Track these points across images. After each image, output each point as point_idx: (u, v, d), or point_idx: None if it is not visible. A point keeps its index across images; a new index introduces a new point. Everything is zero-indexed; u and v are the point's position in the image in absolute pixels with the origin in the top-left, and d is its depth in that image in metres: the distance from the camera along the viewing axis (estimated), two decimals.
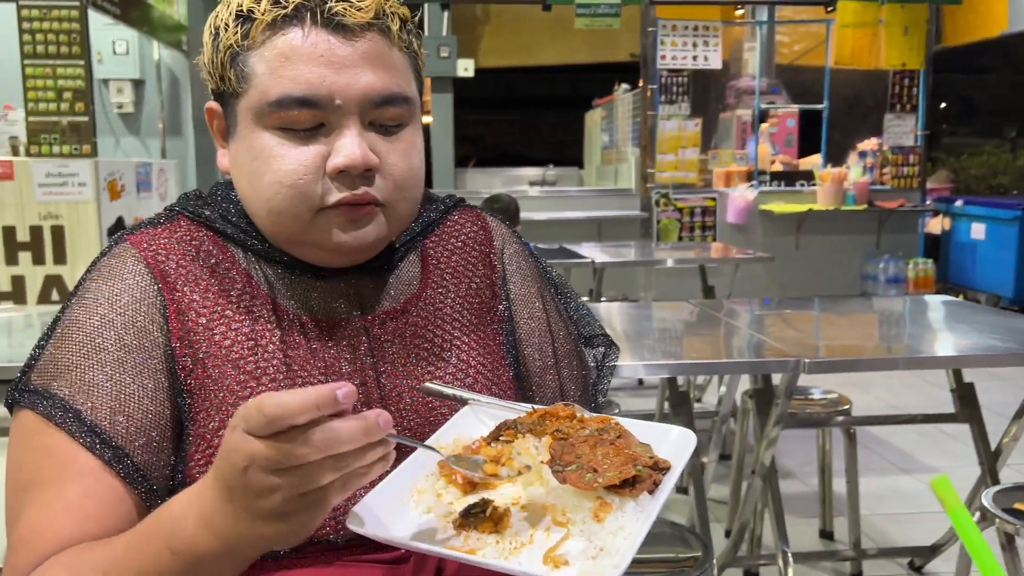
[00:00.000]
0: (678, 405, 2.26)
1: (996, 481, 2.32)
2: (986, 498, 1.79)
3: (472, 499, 0.71)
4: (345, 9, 0.80)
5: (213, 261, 0.88)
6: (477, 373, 0.92)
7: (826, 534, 2.83)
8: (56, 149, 4.38)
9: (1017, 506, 1.80)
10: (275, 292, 0.88)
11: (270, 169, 0.82)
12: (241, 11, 0.81)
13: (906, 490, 3.27)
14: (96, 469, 0.76)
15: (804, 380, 2.84)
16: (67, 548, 0.72)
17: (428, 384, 0.86)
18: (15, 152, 4.66)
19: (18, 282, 4.34)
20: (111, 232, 4.53)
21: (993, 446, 2.37)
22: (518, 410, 0.83)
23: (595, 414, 0.79)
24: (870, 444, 3.68)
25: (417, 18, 0.89)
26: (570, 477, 0.68)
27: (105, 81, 6.23)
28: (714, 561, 1.71)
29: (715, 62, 6.17)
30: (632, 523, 0.65)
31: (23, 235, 4.32)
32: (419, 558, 0.82)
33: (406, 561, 0.82)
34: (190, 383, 0.82)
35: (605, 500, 0.67)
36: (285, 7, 0.80)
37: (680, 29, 6.07)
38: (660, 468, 0.70)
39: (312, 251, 0.87)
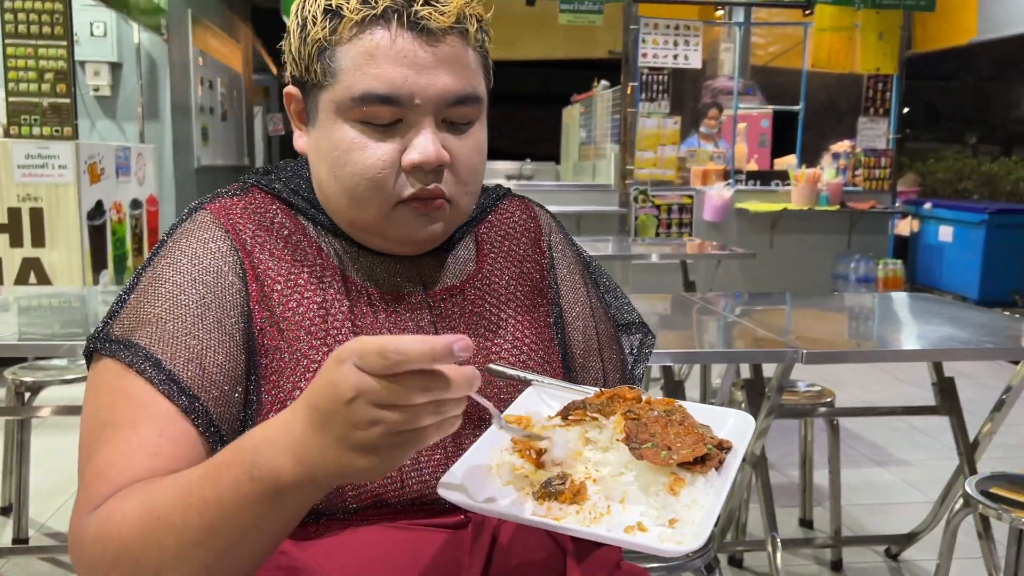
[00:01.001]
0: (672, 394, 2.32)
1: (974, 471, 2.41)
2: (968, 485, 1.87)
3: (549, 473, 0.75)
4: (430, 13, 0.84)
5: (286, 232, 0.92)
6: (530, 351, 0.97)
7: (806, 523, 2.91)
8: (36, 131, 4.32)
9: (994, 490, 1.88)
10: (343, 264, 0.93)
11: (350, 160, 0.87)
12: (330, 7, 0.85)
13: (880, 482, 3.37)
14: (172, 413, 0.79)
15: (794, 373, 2.92)
16: (139, 481, 0.75)
17: (492, 365, 0.90)
18: None
19: None
20: (90, 216, 4.48)
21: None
22: (580, 391, 0.87)
23: (659, 398, 0.84)
24: (846, 438, 3.79)
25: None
26: (646, 454, 0.73)
27: (82, 63, 6.13)
28: (712, 546, 1.77)
29: (695, 61, 6.25)
30: (703, 496, 0.71)
31: (1, 217, 4.26)
32: (477, 525, 0.86)
33: (464, 527, 0.86)
34: (265, 344, 0.86)
35: (679, 475, 0.72)
36: (374, 8, 0.84)
37: (662, 28, 6.15)
38: (723, 448, 0.76)
39: (380, 241, 0.92)
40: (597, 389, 0.86)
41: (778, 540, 2.27)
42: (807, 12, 6.35)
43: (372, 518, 0.85)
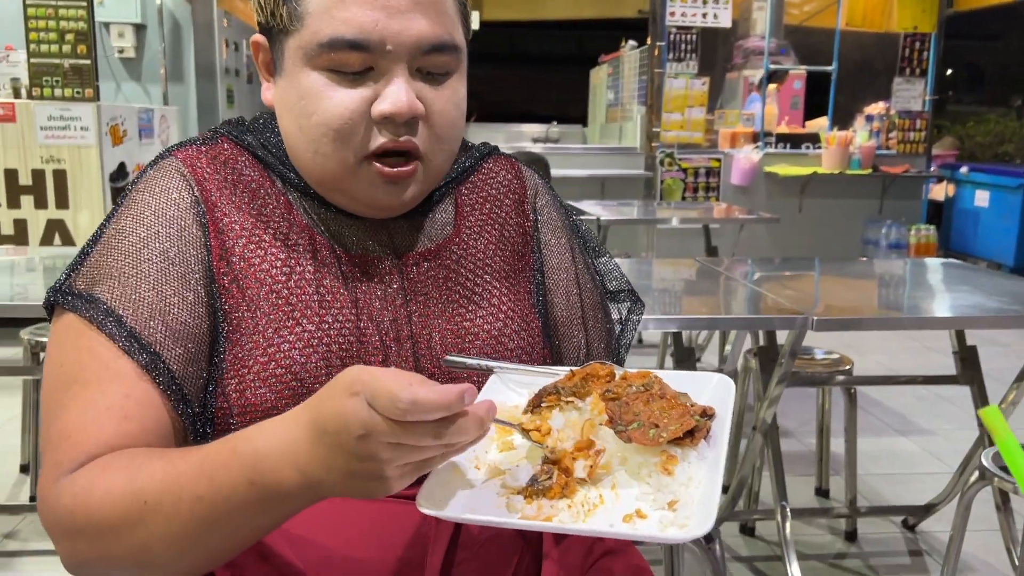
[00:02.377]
0: (682, 361, 2.28)
1: (993, 443, 2.35)
2: (985, 458, 1.81)
3: (531, 469, 0.71)
4: None
5: (253, 186, 0.89)
6: (507, 318, 0.93)
7: (822, 492, 2.87)
8: (58, 92, 4.33)
9: None
10: (312, 222, 0.89)
11: (317, 110, 0.82)
12: None
13: (901, 451, 3.31)
14: (134, 372, 0.77)
15: (808, 340, 2.86)
16: (112, 449, 0.74)
17: (451, 356, 0.86)
18: (16, 94, 4.60)
19: (20, 225, 4.33)
20: (113, 178, 4.50)
21: None
22: (546, 373, 0.83)
23: (631, 370, 0.80)
24: (867, 406, 3.72)
25: None
26: (634, 435, 0.69)
27: (106, 24, 6.13)
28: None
29: (725, 20, 6.09)
30: (698, 472, 0.67)
31: (25, 178, 4.29)
32: None
33: None
34: (227, 303, 0.83)
35: (670, 453, 0.68)
36: None
37: None
38: (708, 416, 0.72)
39: (347, 201, 0.88)
40: (565, 369, 0.81)
41: (787, 509, 2.24)
42: None
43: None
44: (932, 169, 6.64)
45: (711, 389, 0.76)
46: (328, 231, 0.89)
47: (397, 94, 0.81)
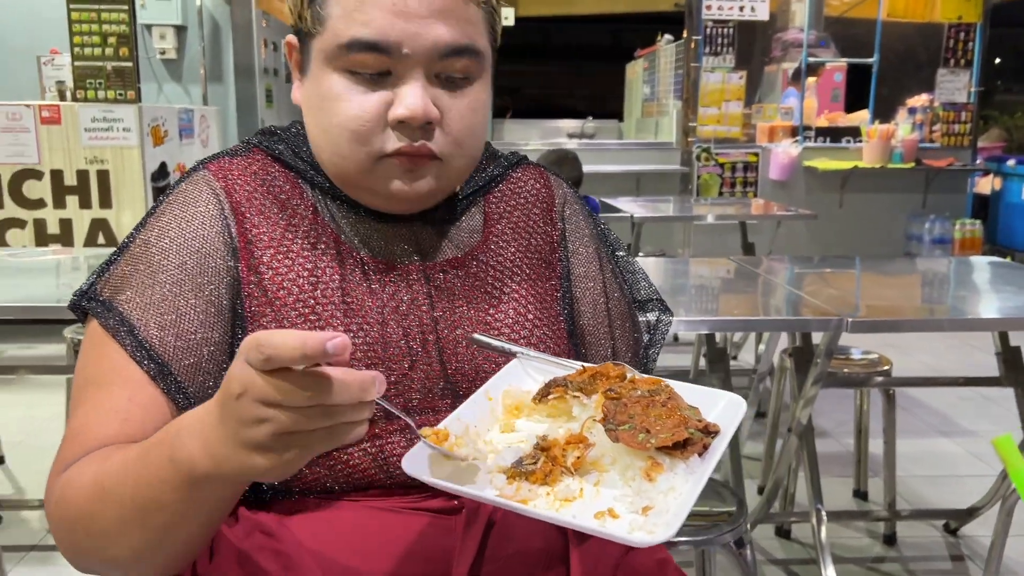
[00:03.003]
0: (715, 362, 2.26)
1: None
2: None
3: (522, 448, 0.72)
4: None
5: (284, 196, 0.91)
6: (533, 326, 0.93)
7: (860, 494, 2.83)
8: (101, 94, 4.42)
9: None
10: (340, 228, 0.91)
11: (336, 111, 0.84)
12: None
13: (944, 453, 3.25)
14: (142, 380, 0.80)
15: (846, 340, 2.81)
16: (108, 446, 0.77)
17: (477, 335, 0.87)
18: (62, 97, 4.71)
19: (66, 225, 4.43)
20: (155, 178, 4.59)
21: None
22: (566, 366, 0.83)
23: (646, 375, 0.79)
24: (909, 406, 3.65)
25: None
26: (623, 436, 0.69)
27: (148, 27, 6.24)
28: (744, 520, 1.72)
29: (762, 13, 6.01)
30: (682, 484, 0.67)
31: (70, 179, 4.39)
32: (471, 511, 0.83)
33: (458, 512, 0.83)
34: (254, 311, 0.85)
35: (657, 460, 0.68)
36: None
37: None
38: (710, 432, 0.71)
39: (369, 196, 0.89)
40: (581, 365, 0.82)
41: (823, 513, 2.21)
42: None
43: (360, 498, 0.83)
44: (978, 162, 6.48)
45: (721, 407, 0.76)
46: (357, 237, 0.91)
47: (413, 99, 0.82)
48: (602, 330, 1.01)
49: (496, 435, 0.77)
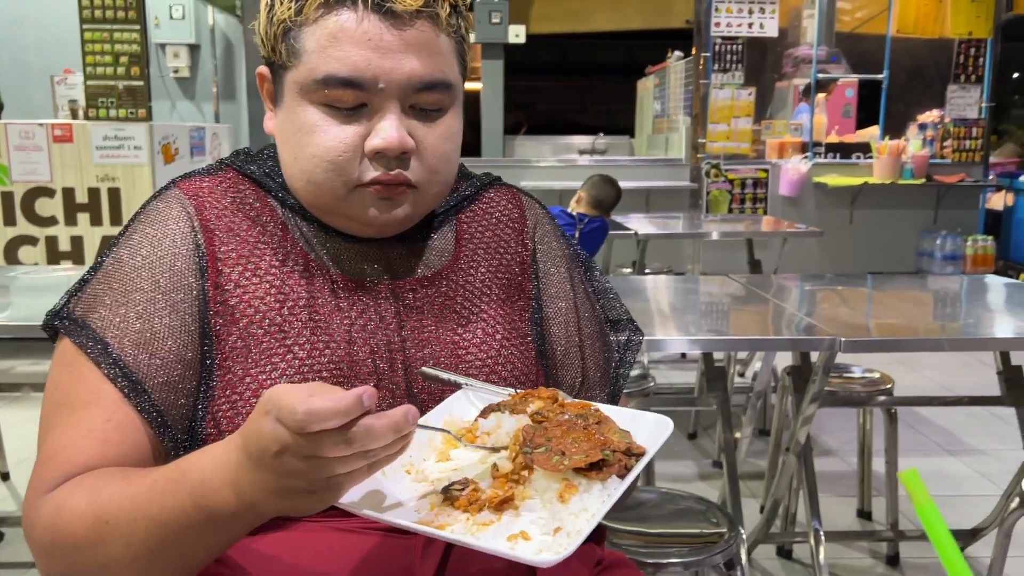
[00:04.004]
0: (713, 380, 2.25)
1: None
2: None
3: (455, 476, 0.74)
4: None
5: (253, 213, 0.92)
6: (501, 346, 0.94)
7: (864, 514, 2.80)
8: (113, 113, 4.48)
9: None
10: (309, 246, 0.92)
11: (311, 143, 0.85)
12: None
13: (950, 472, 3.21)
14: (118, 398, 0.81)
15: (849, 358, 2.79)
16: (89, 468, 0.78)
17: (426, 368, 0.88)
18: (74, 115, 4.78)
19: (77, 242, 4.47)
20: None
21: None
22: (509, 395, 0.84)
23: (576, 400, 0.81)
24: (916, 424, 3.62)
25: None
26: (538, 459, 0.71)
27: (162, 46, 6.32)
28: (743, 537, 1.71)
29: (771, 30, 6.02)
30: (595, 503, 0.68)
31: (82, 196, 4.44)
32: None
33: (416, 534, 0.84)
34: (219, 330, 0.86)
35: (572, 482, 0.70)
36: None
37: None
38: (633, 454, 0.72)
39: (344, 222, 0.91)
40: (516, 391, 0.83)
41: (821, 533, 2.19)
42: None
43: (320, 518, 0.83)
44: (990, 178, 6.44)
45: (649, 428, 0.77)
46: (326, 255, 0.92)
47: (388, 130, 0.84)
48: (572, 350, 1.01)
49: (431, 465, 0.78)
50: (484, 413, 0.79)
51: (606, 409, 0.79)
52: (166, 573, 0.74)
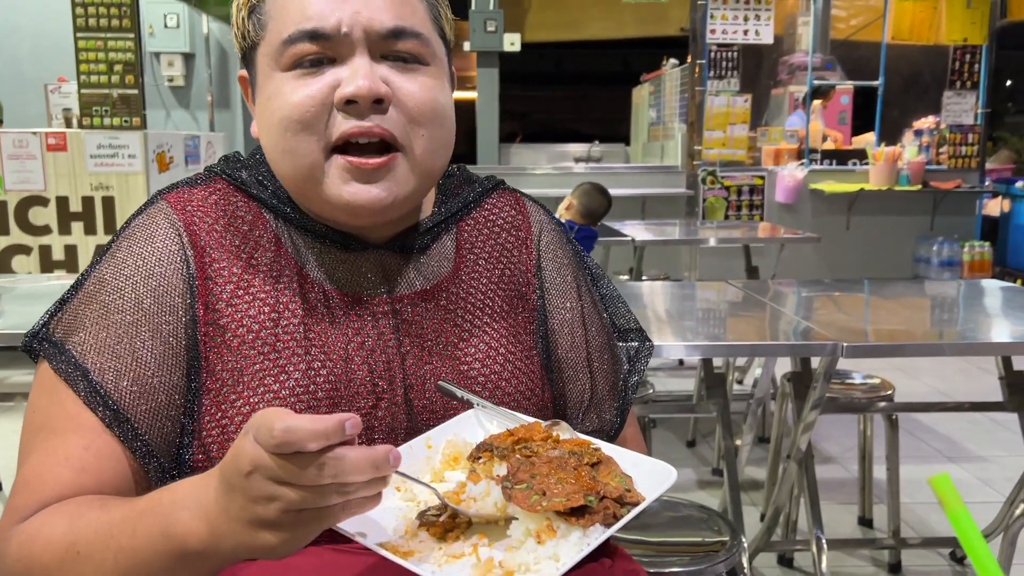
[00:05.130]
0: (713, 387, 2.23)
1: None
2: None
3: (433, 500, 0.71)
4: None
5: (246, 227, 0.87)
6: (505, 360, 0.90)
7: (865, 521, 2.78)
8: (107, 121, 4.46)
9: None
10: (303, 260, 0.87)
11: (280, 107, 0.81)
12: None
13: (952, 479, 3.19)
14: (97, 427, 0.77)
15: (849, 364, 2.77)
16: (65, 497, 0.74)
17: (442, 383, 0.85)
18: (68, 124, 4.76)
19: (71, 251, 4.44)
20: None
21: None
22: (523, 420, 0.81)
23: (577, 437, 0.77)
24: (917, 431, 3.60)
25: None
26: (516, 496, 0.67)
27: (157, 54, 6.31)
28: (744, 546, 1.68)
29: (766, 37, 6.02)
30: (567, 553, 0.64)
31: (76, 205, 4.41)
32: None
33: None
34: (210, 352, 0.81)
35: (552, 525, 0.66)
36: None
37: (731, 2, 5.94)
38: (625, 503, 0.68)
39: (328, 207, 0.84)
40: (532, 420, 0.79)
41: (823, 540, 2.16)
42: None
43: (319, 539, 0.81)
44: (986, 184, 6.44)
45: (648, 475, 0.72)
46: (321, 269, 0.87)
47: (356, 75, 0.79)
48: (580, 361, 0.97)
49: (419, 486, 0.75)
50: (479, 450, 0.75)
51: (608, 449, 0.75)
52: None
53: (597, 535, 0.65)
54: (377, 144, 0.81)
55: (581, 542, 0.65)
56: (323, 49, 0.80)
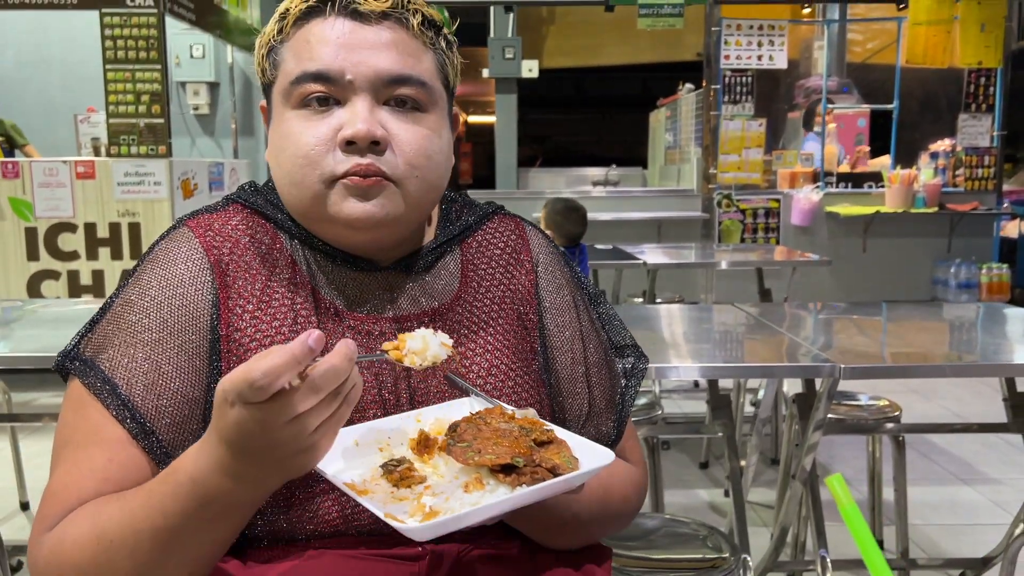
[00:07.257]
0: (719, 408, 2.27)
1: None
2: None
3: (426, 470, 0.80)
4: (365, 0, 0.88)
5: (264, 249, 0.94)
6: (507, 376, 0.95)
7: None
8: (134, 150, 4.59)
9: None
10: (315, 279, 0.93)
11: (290, 145, 0.89)
12: (282, 11, 0.91)
13: (963, 500, 3.19)
14: (123, 439, 0.83)
15: (862, 386, 2.80)
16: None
17: (450, 375, 0.92)
18: (97, 152, 4.90)
19: (98, 276, 4.56)
20: None
21: None
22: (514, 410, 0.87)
23: (534, 419, 0.83)
24: (930, 453, 3.60)
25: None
26: (455, 451, 0.76)
27: (183, 84, 6.47)
28: (748, 563, 1.72)
29: (780, 62, 6.08)
30: (487, 502, 0.72)
31: (103, 231, 4.53)
32: (435, 556, 0.85)
33: (422, 558, 0.85)
34: (231, 365, 0.87)
35: (482, 479, 0.74)
36: (313, 1, 0.89)
37: (745, 28, 6.01)
38: (553, 470, 0.74)
39: (332, 228, 0.91)
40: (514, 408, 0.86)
41: (828, 560, 2.19)
42: (901, 6, 6.08)
43: (330, 546, 0.85)
44: (1004, 206, 6.43)
45: (592, 458, 0.78)
46: (333, 287, 0.93)
47: (356, 119, 0.87)
48: (578, 379, 1.02)
49: (404, 450, 0.84)
50: (451, 428, 0.82)
51: (562, 434, 0.81)
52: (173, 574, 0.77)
53: (521, 495, 0.72)
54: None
55: (501, 496, 0.72)
56: (328, 90, 0.88)
